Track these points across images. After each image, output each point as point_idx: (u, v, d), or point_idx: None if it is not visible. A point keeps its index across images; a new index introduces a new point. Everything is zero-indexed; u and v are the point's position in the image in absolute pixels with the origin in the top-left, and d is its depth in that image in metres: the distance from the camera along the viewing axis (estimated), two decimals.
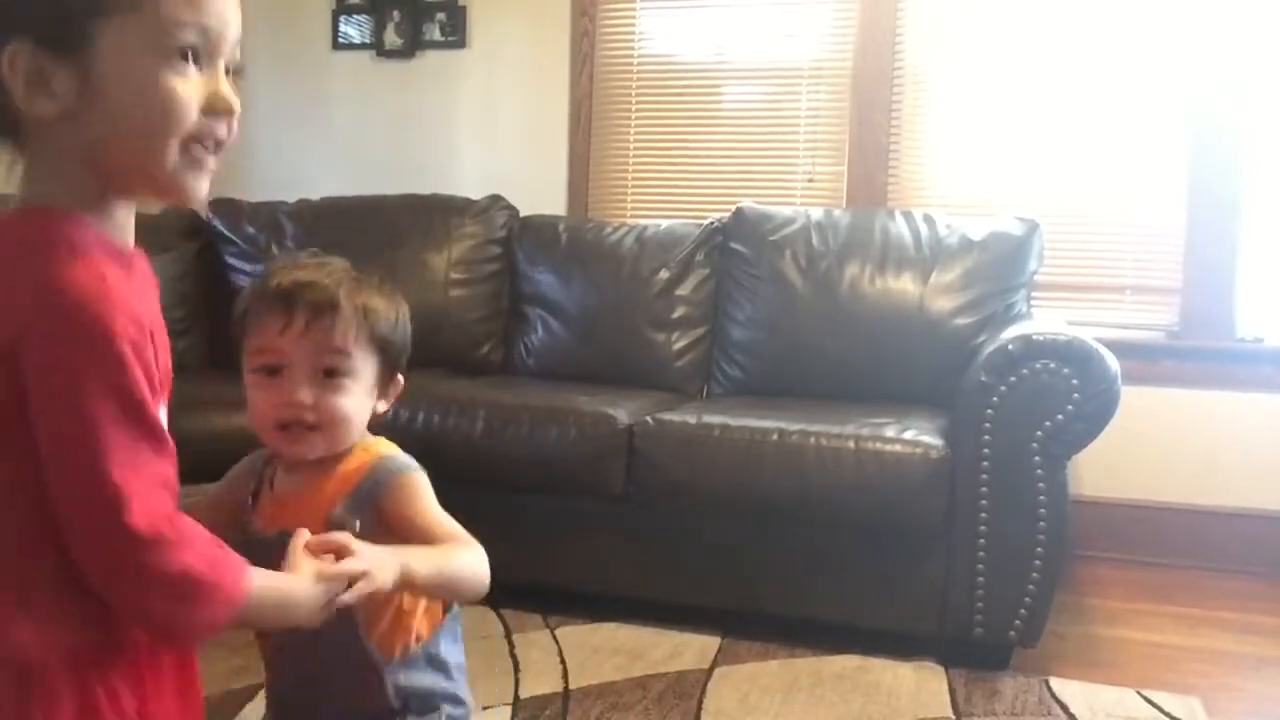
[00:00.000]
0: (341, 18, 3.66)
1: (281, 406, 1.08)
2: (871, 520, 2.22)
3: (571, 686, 2.06)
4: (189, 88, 0.84)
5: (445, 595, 1.14)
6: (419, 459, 1.16)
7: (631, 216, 3.43)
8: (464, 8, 3.54)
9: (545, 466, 2.40)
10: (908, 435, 2.22)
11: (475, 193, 3.24)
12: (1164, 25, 3.04)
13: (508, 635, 2.30)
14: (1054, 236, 2.94)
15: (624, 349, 2.91)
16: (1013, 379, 2.13)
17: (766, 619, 2.34)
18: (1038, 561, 2.13)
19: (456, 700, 1.17)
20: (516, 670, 2.14)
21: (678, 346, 2.93)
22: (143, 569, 0.80)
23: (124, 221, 0.92)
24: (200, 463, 2.52)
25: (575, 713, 1.95)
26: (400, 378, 1.17)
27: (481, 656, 2.17)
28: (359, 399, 1.11)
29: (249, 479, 1.18)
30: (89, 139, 0.83)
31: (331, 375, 1.10)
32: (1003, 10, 3.15)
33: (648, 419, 2.39)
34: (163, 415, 0.86)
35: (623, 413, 2.42)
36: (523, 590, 2.31)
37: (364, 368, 1.12)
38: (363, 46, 3.65)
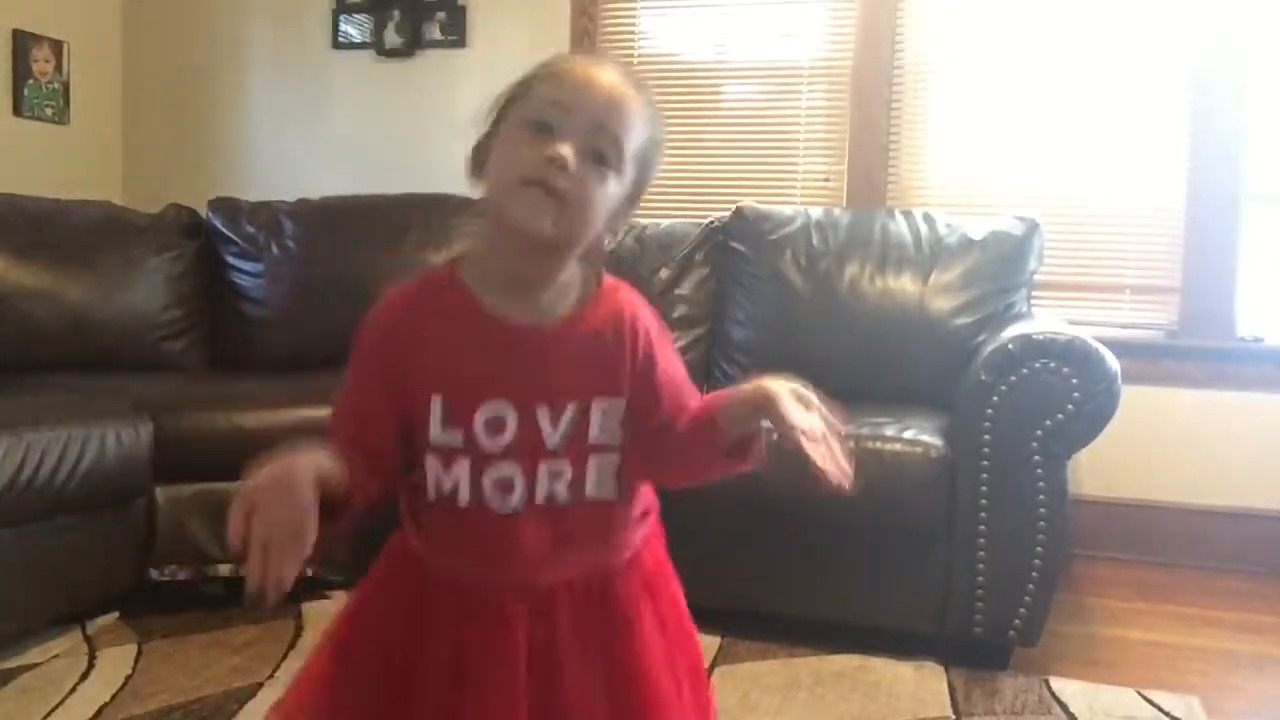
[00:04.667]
0: (341, 17, 3.66)
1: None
2: (871, 520, 2.22)
3: None
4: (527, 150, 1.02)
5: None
6: None
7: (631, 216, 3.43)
8: (464, 7, 3.54)
9: None
10: (908, 435, 2.21)
11: (475, 192, 3.23)
12: (1164, 25, 3.05)
13: None
14: (1054, 236, 2.94)
15: None
16: (1013, 378, 2.13)
17: (766, 619, 2.33)
18: (1038, 561, 2.13)
19: None
20: None
21: (677, 346, 2.91)
22: None
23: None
24: (200, 461, 2.53)
25: None
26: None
27: None
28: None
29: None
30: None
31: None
32: (1003, 9, 3.16)
33: None
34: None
35: None
36: None
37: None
38: (363, 46, 3.65)
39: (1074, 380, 2.08)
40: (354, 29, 3.67)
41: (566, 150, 1.00)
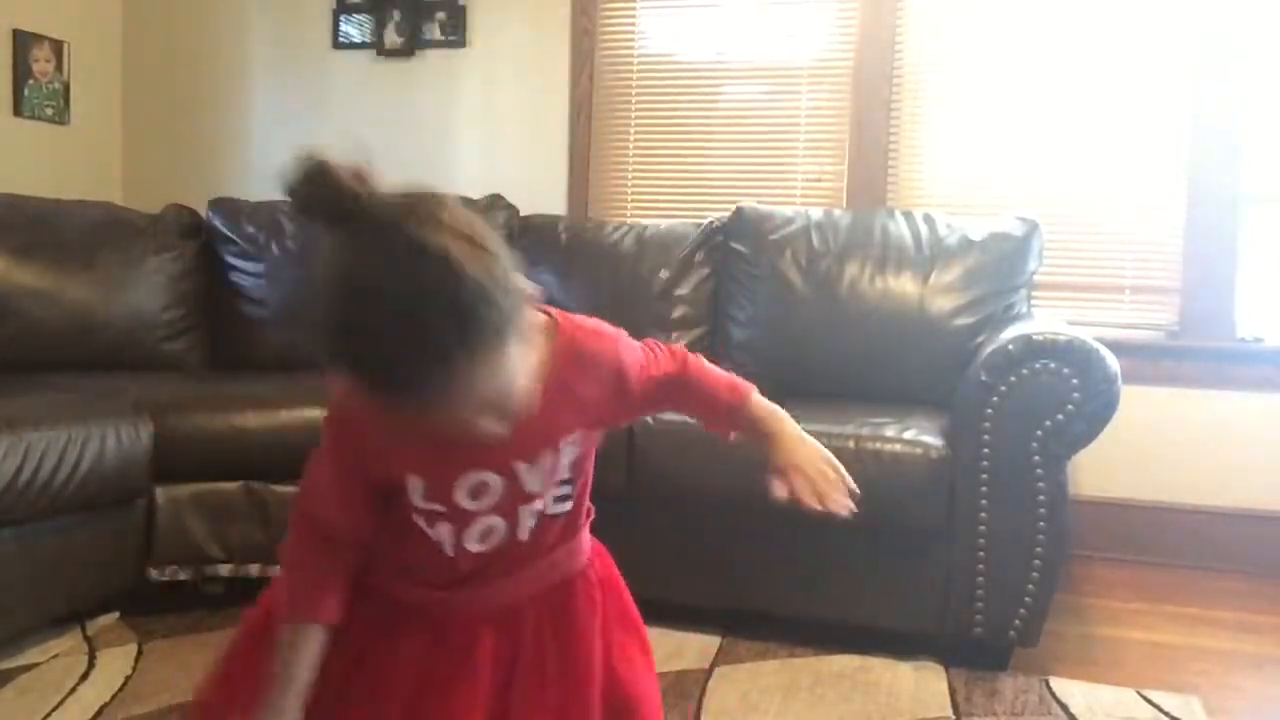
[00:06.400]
0: (341, 17, 3.66)
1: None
2: (871, 520, 2.19)
3: None
4: None
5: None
6: None
7: (631, 216, 3.43)
8: (464, 7, 3.54)
9: None
10: (908, 435, 2.21)
11: (475, 192, 3.24)
12: (1164, 25, 3.05)
13: None
14: (1054, 236, 2.95)
15: None
16: (1013, 379, 2.13)
17: (766, 619, 2.34)
18: (1038, 561, 2.13)
19: None
20: None
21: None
22: None
23: None
24: (200, 461, 2.53)
25: None
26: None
27: None
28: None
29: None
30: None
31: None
32: (1003, 11, 3.16)
33: (648, 419, 2.39)
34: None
35: None
36: None
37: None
38: (363, 46, 3.65)
39: (1074, 381, 2.08)
40: (354, 29, 3.67)
41: (485, 427, 0.95)
